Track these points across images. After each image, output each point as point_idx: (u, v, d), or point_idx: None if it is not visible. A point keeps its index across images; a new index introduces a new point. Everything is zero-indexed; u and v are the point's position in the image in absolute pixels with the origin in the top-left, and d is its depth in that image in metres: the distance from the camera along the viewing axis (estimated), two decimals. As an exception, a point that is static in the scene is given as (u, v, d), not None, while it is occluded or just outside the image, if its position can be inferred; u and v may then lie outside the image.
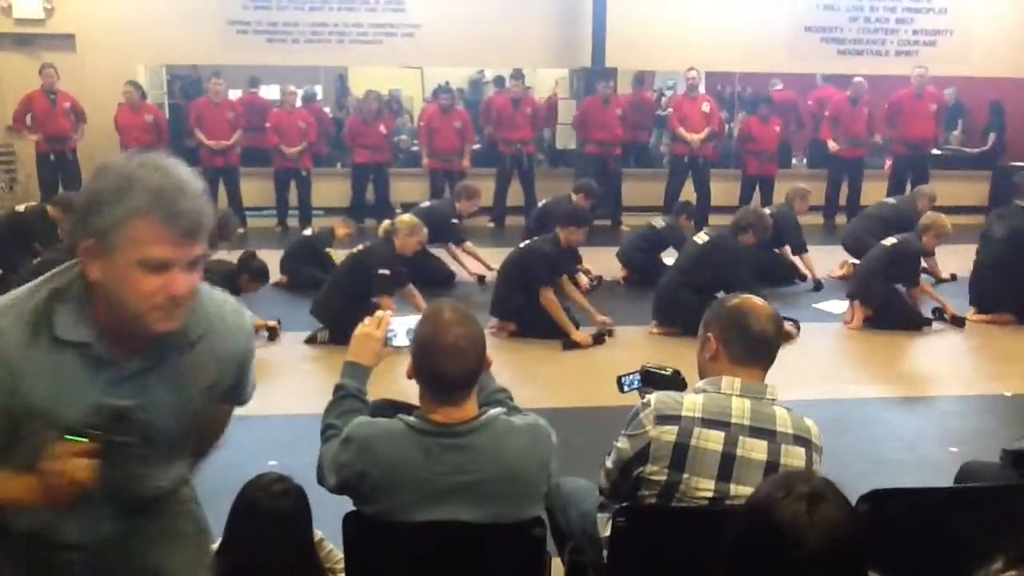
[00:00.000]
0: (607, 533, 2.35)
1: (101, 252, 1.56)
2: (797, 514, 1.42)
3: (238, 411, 2.16)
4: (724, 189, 10.51)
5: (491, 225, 10.29)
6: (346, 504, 2.18)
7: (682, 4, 10.88)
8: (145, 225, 1.54)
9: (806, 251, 7.86)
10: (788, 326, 5.99)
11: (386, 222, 6.57)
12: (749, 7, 11.02)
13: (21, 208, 7.22)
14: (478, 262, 7.77)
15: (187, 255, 1.59)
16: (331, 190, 10.52)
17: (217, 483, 2.89)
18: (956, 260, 7.57)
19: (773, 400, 2.28)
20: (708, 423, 2.21)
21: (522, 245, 6.38)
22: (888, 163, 10.76)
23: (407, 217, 6.37)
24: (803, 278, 7.93)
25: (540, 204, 8.64)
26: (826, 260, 8.11)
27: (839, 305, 6.85)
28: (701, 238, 6.40)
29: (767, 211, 8.01)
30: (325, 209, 10.16)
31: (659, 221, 7.93)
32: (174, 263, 1.57)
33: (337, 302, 6.06)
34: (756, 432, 2.21)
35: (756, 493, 1.54)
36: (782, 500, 1.45)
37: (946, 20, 11.37)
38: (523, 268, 6.22)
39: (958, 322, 6.60)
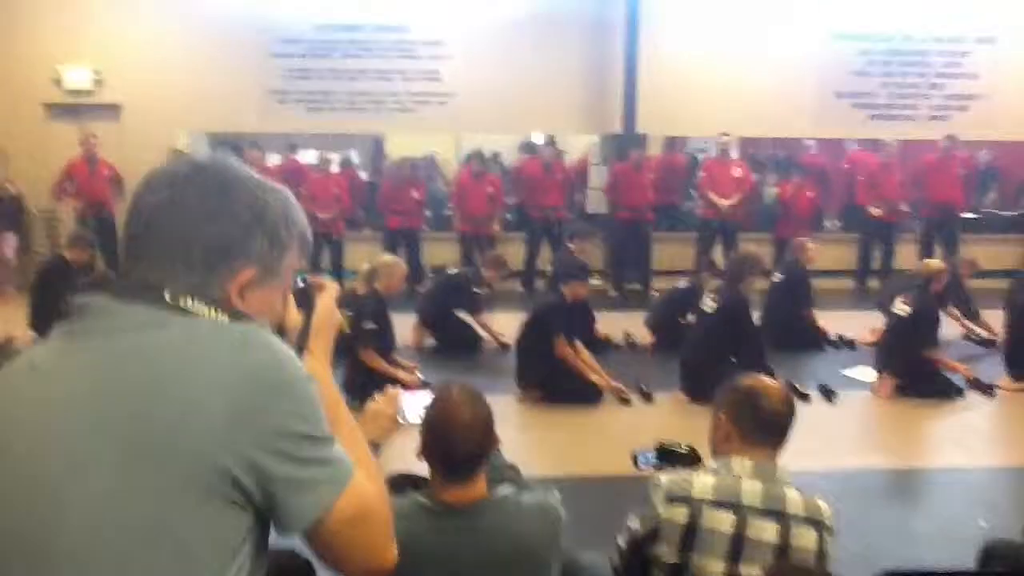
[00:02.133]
0: (621, 612, 2.36)
1: (266, 283, 1.29)
2: None
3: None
4: (750, 251, 10.49)
5: (520, 290, 10.36)
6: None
7: (712, 70, 11.01)
8: (296, 254, 1.34)
9: (812, 306, 7.98)
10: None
11: (364, 267, 6.56)
12: (780, 73, 11.12)
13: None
14: (491, 330, 7.77)
15: None
16: (365, 252, 10.66)
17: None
18: (993, 325, 7.48)
19: (785, 482, 2.29)
20: (718, 505, 2.22)
21: (530, 311, 6.44)
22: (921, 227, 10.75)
23: (385, 259, 6.37)
24: (832, 343, 7.89)
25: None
26: (857, 325, 8.06)
27: (868, 372, 6.79)
28: (710, 306, 6.38)
29: (779, 275, 8.08)
30: (358, 273, 10.29)
31: (682, 282, 7.96)
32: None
33: (348, 366, 6.12)
34: (767, 514, 2.22)
35: None
36: None
37: (978, 85, 11.38)
38: (536, 324, 6.27)
39: (982, 388, 6.51)
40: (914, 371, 6.43)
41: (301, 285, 1.45)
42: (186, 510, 1.12)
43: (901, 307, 6.60)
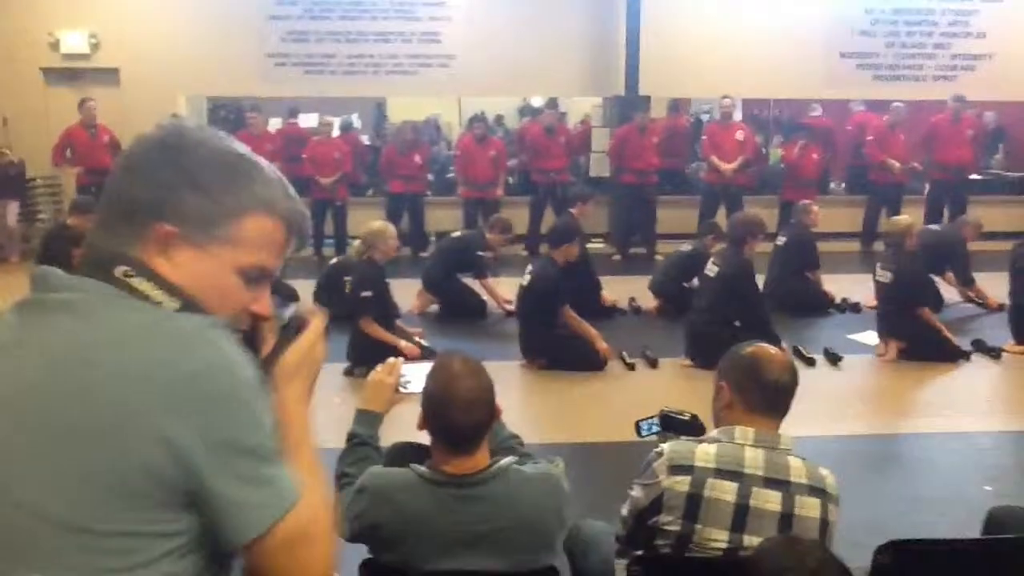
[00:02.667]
0: (624, 580, 2.35)
1: (200, 242, 1.18)
2: None
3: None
4: (751, 213, 10.43)
5: (525, 254, 10.31)
6: (364, 548, 2.20)
7: (716, 31, 10.87)
8: (270, 225, 1.23)
9: (818, 267, 8.00)
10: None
11: (356, 243, 6.50)
12: (784, 33, 10.98)
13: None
14: (496, 296, 7.71)
15: (278, 270, 1.31)
16: (367, 218, 10.61)
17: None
18: (1000, 288, 7.41)
19: (787, 450, 2.27)
20: (721, 474, 2.21)
21: (525, 281, 6.36)
22: (927, 188, 10.66)
23: (371, 226, 6.32)
24: (838, 306, 7.86)
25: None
26: (862, 289, 8.01)
27: (874, 336, 6.76)
28: (712, 270, 6.33)
29: (783, 238, 8.03)
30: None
31: (686, 246, 7.90)
32: (270, 277, 1.28)
33: (351, 336, 6.11)
34: (770, 483, 2.20)
35: (762, 565, 1.53)
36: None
37: (985, 44, 11.23)
38: (538, 298, 6.22)
39: (988, 351, 6.50)
40: (915, 334, 6.41)
41: (286, 320, 1.33)
42: (108, 508, 1.07)
43: (882, 273, 6.58)
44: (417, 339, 6.37)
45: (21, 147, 10.23)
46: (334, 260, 8.27)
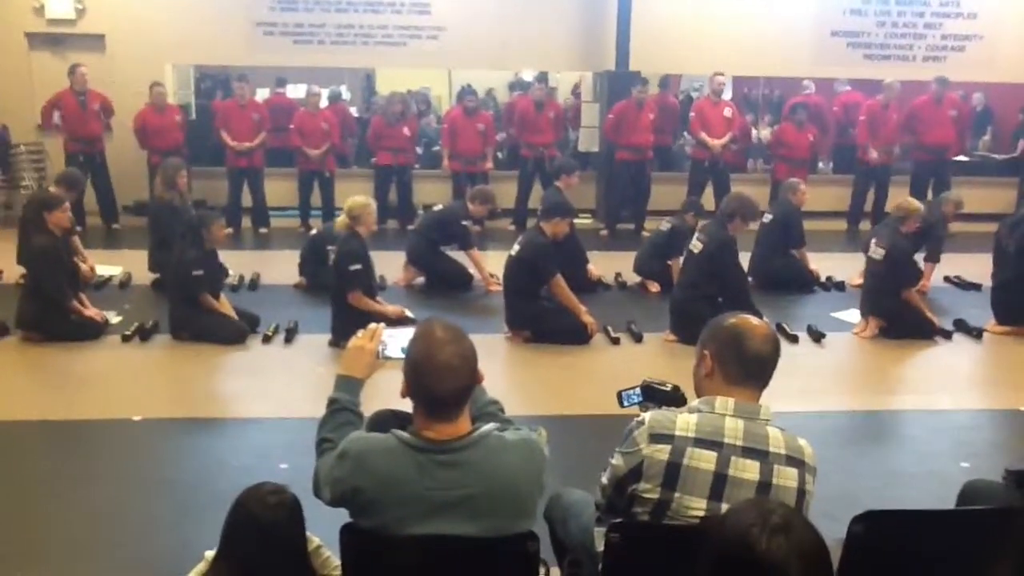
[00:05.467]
0: (603, 547, 2.37)
1: None
2: (779, 548, 1.46)
3: (251, 413, 2.20)
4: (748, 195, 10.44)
5: (512, 228, 10.31)
6: (345, 512, 2.21)
7: (707, 8, 10.84)
8: None
9: (803, 244, 8.02)
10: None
11: (341, 217, 6.50)
12: (774, 11, 10.95)
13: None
14: (482, 268, 7.68)
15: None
16: (354, 191, 10.57)
17: (227, 485, 2.95)
18: (983, 269, 7.47)
19: (767, 420, 2.28)
20: (701, 443, 2.22)
21: (513, 252, 6.35)
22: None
23: (355, 201, 6.30)
24: (822, 284, 7.90)
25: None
26: (847, 267, 8.06)
27: (857, 314, 6.80)
28: (696, 246, 6.35)
29: (769, 215, 8.05)
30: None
31: (666, 224, 7.89)
32: None
33: (334, 307, 6.11)
34: (749, 452, 2.22)
35: (727, 525, 1.56)
36: (760, 535, 1.47)
37: (975, 25, 11.23)
38: (527, 267, 6.21)
39: (969, 330, 6.56)
40: (897, 313, 6.46)
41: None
42: None
43: (875, 249, 6.60)
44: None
45: (4, 113, 10.14)
46: (314, 231, 8.26)
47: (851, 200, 10.77)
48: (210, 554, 2.49)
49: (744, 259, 6.98)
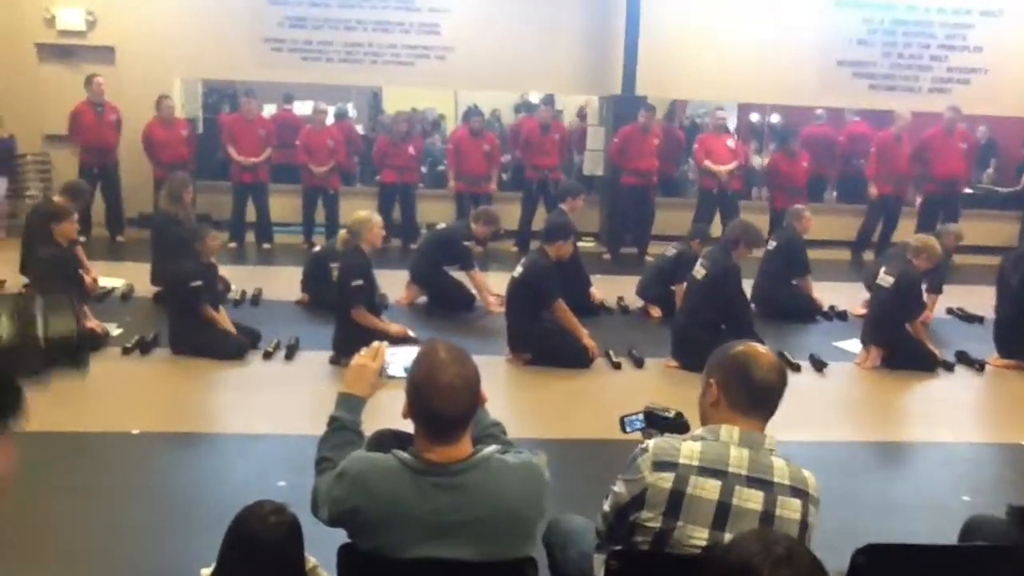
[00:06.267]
0: (602, 574, 2.34)
1: None
2: None
3: (250, 429, 2.19)
4: (752, 222, 10.45)
5: (515, 249, 10.31)
6: (343, 532, 2.19)
7: (713, 35, 10.88)
8: None
9: (807, 272, 7.98)
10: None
11: (342, 232, 6.49)
12: (781, 39, 11.00)
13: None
14: (483, 290, 7.64)
15: None
16: (359, 208, 10.57)
17: (225, 501, 2.94)
18: (985, 302, 7.45)
19: (772, 450, 2.27)
20: (705, 472, 2.20)
21: (516, 274, 6.35)
22: (919, 201, 10.70)
23: (356, 216, 6.29)
24: (825, 314, 7.88)
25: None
26: (852, 297, 8.05)
27: (859, 344, 6.78)
28: (700, 272, 6.34)
29: (774, 242, 8.04)
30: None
31: (671, 249, 7.88)
32: None
33: (337, 324, 6.09)
34: (753, 482, 2.20)
35: (731, 553, 1.54)
36: (763, 564, 1.46)
37: (981, 58, 11.28)
38: (529, 289, 6.21)
39: (971, 363, 6.54)
40: (899, 343, 6.44)
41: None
42: None
43: (884, 278, 6.58)
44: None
45: (12, 123, 10.15)
46: (317, 248, 8.26)
47: (859, 229, 10.77)
48: (206, 572, 2.47)
49: (747, 286, 6.97)
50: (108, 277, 7.89)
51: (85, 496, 4.03)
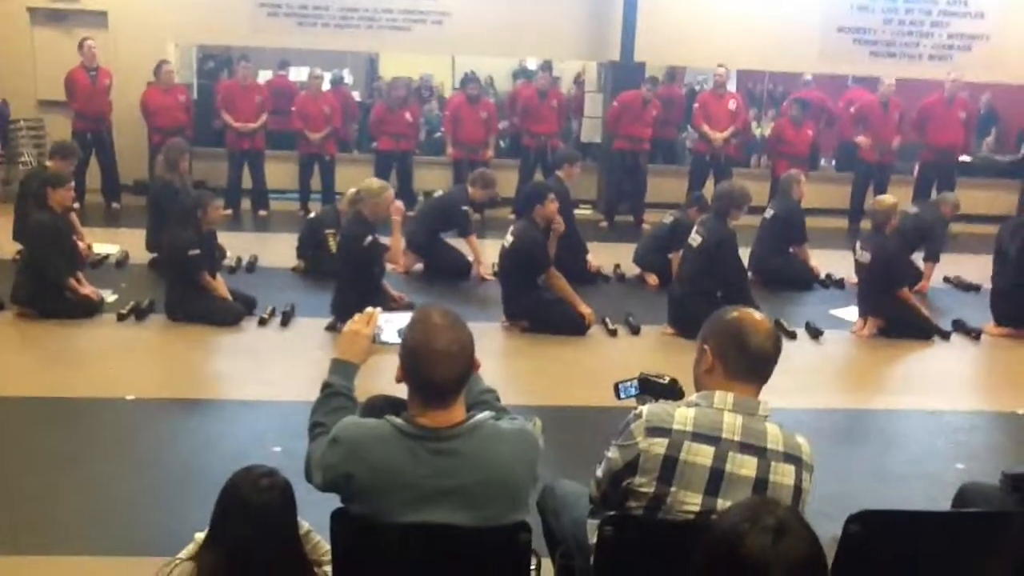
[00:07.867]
0: (595, 540, 2.35)
1: None
2: (763, 548, 1.42)
3: (246, 395, 2.18)
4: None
5: (512, 216, 10.26)
6: (336, 496, 2.19)
7: (713, 1, 10.78)
8: None
9: (805, 241, 7.97)
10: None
11: (350, 191, 6.45)
12: (781, 5, 10.89)
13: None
14: (479, 255, 7.65)
15: None
16: (355, 175, 10.53)
17: (220, 467, 2.93)
18: (982, 271, 7.43)
19: (765, 417, 2.26)
20: (698, 437, 2.20)
21: (507, 244, 6.32)
22: (916, 169, 10.65)
23: (372, 185, 6.27)
24: (822, 282, 7.87)
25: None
26: (847, 265, 8.01)
27: (855, 312, 6.78)
28: (695, 240, 6.32)
29: (771, 210, 8.01)
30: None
31: (668, 217, 7.85)
32: None
33: (339, 292, 6.07)
34: (746, 448, 2.19)
35: (722, 520, 1.53)
36: (748, 531, 1.44)
37: (983, 25, 11.17)
38: (521, 258, 6.19)
39: (967, 331, 6.54)
40: (894, 313, 6.44)
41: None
42: None
43: (862, 254, 6.59)
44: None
45: (4, 88, 10.07)
46: (311, 215, 8.22)
47: (851, 197, 10.73)
48: (200, 536, 2.47)
49: (744, 254, 6.95)
50: (103, 244, 7.86)
51: (79, 461, 4.04)
